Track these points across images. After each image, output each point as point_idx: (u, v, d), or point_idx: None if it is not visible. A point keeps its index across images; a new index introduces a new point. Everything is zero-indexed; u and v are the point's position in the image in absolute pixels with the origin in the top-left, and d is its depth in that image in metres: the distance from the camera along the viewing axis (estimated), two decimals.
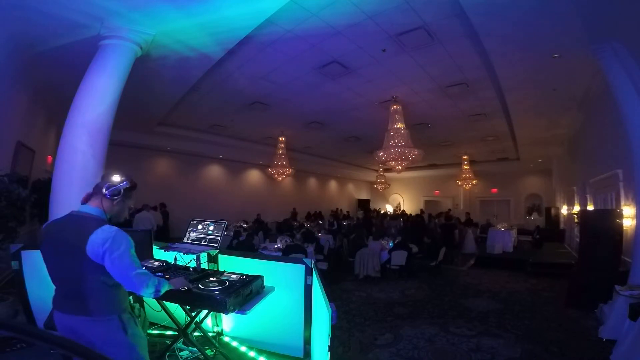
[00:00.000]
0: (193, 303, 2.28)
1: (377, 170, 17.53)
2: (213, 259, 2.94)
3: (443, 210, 14.57)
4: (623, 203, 5.22)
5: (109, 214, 1.75)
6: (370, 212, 16.45)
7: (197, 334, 2.85)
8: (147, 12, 3.74)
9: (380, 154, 7.75)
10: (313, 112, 8.50)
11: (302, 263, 2.64)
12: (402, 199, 20.71)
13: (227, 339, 3.14)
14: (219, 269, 2.84)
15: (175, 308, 2.66)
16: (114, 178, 1.79)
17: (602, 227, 4.86)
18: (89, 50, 3.98)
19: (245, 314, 2.17)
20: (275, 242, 6.96)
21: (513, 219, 15.48)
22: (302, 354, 2.70)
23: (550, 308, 4.89)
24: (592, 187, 7.24)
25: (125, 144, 9.16)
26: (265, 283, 2.52)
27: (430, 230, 10.50)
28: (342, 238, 8.59)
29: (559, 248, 9.88)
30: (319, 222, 12.31)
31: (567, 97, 6.76)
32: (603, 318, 4.02)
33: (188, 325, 2.61)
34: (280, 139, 10.59)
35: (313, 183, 18.03)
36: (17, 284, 2.99)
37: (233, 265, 2.83)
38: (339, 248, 8.20)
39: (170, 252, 2.74)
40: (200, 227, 2.95)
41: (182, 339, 2.71)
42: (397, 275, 6.69)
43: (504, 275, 6.98)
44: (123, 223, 1.96)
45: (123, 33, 3.91)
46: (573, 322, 4.31)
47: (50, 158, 6.75)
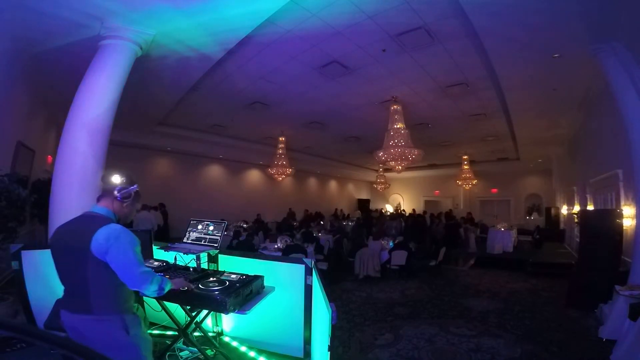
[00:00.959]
0: (193, 303, 2.28)
1: (377, 170, 17.50)
2: (213, 259, 2.94)
3: (443, 210, 14.60)
4: (623, 203, 5.22)
5: (118, 215, 1.78)
6: (371, 212, 16.44)
7: (197, 334, 2.85)
8: (147, 12, 3.73)
9: (380, 154, 7.74)
10: (313, 112, 8.48)
11: (302, 263, 2.65)
12: (402, 199, 20.69)
13: (227, 339, 3.14)
14: (219, 269, 2.84)
15: (175, 308, 2.66)
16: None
17: (602, 227, 4.86)
18: (89, 51, 3.98)
19: (245, 314, 2.17)
20: (275, 242, 6.96)
21: (513, 219, 15.47)
22: (302, 354, 2.71)
23: (550, 308, 4.89)
24: (592, 187, 7.24)
25: (126, 144, 9.13)
26: (265, 283, 2.52)
27: (432, 230, 10.50)
28: (342, 238, 8.58)
29: (559, 248, 9.89)
30: (320, 222, 12.30)
31: (567, 97, 6.74)
32: (603, 318, 4.02)
33: (188, 325, 2.61)
34: (280, 139, 10.57)
35: (313, 183, 18.01)
36: (17, 284, 2.99)
37: (233, 265, 2.83)
38: (339, 247, 8.19)
39: (170, 252, 2.74)
40: (200, 227, 2.95)
41: (182, 339, 2.71)
42: (397, 275, 6.69)
43: (504, 275, 6.98)
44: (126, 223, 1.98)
45: (123, 33, 3.91)
46: (573, 322, 4.31)
47: (50, 158, 6.74)
